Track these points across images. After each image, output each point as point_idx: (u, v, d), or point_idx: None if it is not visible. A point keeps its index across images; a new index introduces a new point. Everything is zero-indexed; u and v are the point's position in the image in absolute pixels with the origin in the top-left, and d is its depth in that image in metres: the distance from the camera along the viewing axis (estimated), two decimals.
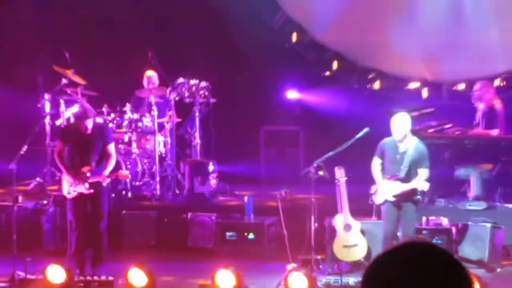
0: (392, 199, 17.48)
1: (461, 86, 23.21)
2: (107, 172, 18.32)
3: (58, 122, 21.00)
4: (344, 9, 24.00)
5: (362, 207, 18.30)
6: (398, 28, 23.91)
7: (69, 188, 18.29)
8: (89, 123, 18.55)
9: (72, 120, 19.69)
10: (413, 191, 17.53)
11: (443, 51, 23.74)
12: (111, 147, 18.62)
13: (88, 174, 17.96)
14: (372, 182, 17.75)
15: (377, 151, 17.82)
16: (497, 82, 22.48)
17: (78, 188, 18.13)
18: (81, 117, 18.29)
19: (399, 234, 17.71)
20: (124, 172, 19.43)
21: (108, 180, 18.86)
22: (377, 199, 17.72)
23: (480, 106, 21.39)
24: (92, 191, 18.07)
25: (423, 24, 23.81)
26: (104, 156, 18.34)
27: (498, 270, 18.55)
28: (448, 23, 23.71)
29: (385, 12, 24.06)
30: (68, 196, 18.42)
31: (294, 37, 24.41)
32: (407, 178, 17.43)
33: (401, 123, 17.49)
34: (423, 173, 17.49)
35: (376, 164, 17.72)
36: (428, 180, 18.45)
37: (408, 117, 17.78)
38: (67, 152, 18.45)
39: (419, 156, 17.55)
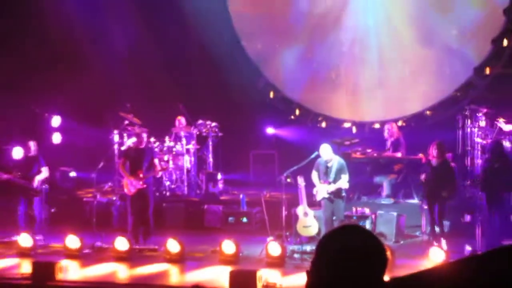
0: (327, 195, 18.35)
1: (377, 125, 23.97)
2: (154, 173, 19.48)
3: (122, 148, 21.64)
4: (303, 79, 25.01)
5: (314, 200, 18.72)
6: (336, 92, 24.93)
7: (129, 188, 19.02)
8: (144, 139, 20.15)
9: (131, 145, 20.43)
10: (340, 190, 18.39)
11: (365, 103, 24.61)
12: (156, 161, 19.59)
13: (141, 175, 18.86)
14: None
15: (314, 167, 18.63)
16: (400, 123, 23.22)
17: (136, 185, 18.98)
18: (138, 138, 19.50)
19: (334, 218, 18.41)
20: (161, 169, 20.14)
21: (160, 174, 20.48)
22: (318, 197, 18.53)
23: (389, 138, 22.15)
24: (145, 185, 18.93)
25: (352, 88, 24.82)
26: (151, 166, 19.30)
27: (401, 242, 19.24)
28: (368, 86, 24.62)
29: (328, 83, 24.98)
30: (128, 193, 19.27)
31: (271, 94, 25.39)
32: (334, 182, 18.35)
33: (328, 149, 18.55)
34: (344, 177, 18.27)
35: (314, 175, 18.53)
36: (355, 184, 19.81)
37: (329, 146, 18.68)
38: (128, 164, 19.27)
39: (340, 167, 18.42)
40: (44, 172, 20.08)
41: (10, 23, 24.20)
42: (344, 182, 18.59)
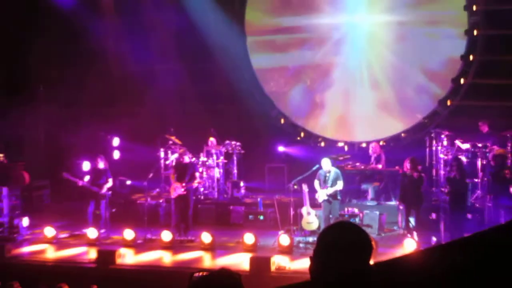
0: (326, 198, 18.33)
1: (363, 144, 23.73)
2: (193, 184, 19.44)
3: (167, 162, 21.70)
4: (306, 109, 24.85)
5: (315, 202, 18.62)
6: (332, 119, 24.61)
7: (173, 192, 19.13)
8: (186, 159, 20.27)
9: (179, 160, 20.08)
10: (336, 194, 18.39)
11: (354, 128, 24.33)
12: (196, 174, 19.69)
13: (184, 184, 18.94)
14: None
15: (316, 177, 18.54)
16: (381, 142, 23.10)
17: (179, 191, 19.05)
18: (182, 156, 19.72)
19: (331, 216, 18.32)
20: (196, 182, 19.97)
21: (196, 184, 20.29)
22: (319, 199, 18.42)
23: (373, 154, 22.10)
24: (185, 192, 19.02)
25: (345, 117, 24.49)
26: (192, 177, 19.33)
27: (382, 235, 19.13)
28: (357, 115, 24.35)
29: (326, 112, 24.68)
30: (172, 196, 19.35)
31: (282, 121, 25.11)
32: (332, 188, 18.27)
33: (327, 163, 18.55)
34: (339, 183, 18.25)
35: (316, 183, 18.44)
36: (347, 190, 19.75)
37: (328, 160, 18.73)
38: (176, 175, 19.42)
39: (336, 176, 18.37)
40: (110, 182, 20.14)
41: (83, 67, 24.23)
42: (339, 187, 18.57)
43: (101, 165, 20.21)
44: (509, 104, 21.87)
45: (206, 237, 18.36)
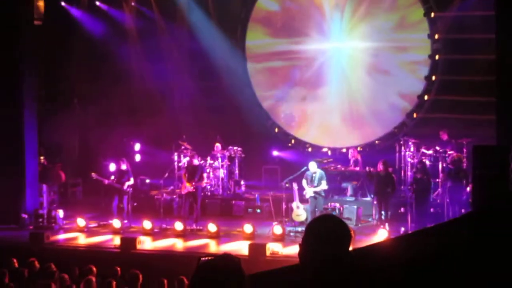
0: (312, 194, 18.32)
1: (344, 150, 23.64)
2: (201, 183, 19.61)
3: (180, 164, 21.59)
4: (296, 120, 24.98)
5: (303, 198, 18.57)
6: (317, 129, 24.58)
7: (184, 190, 19.21)
8: (195, 162, 20.31)
9: (187, 163, 20.53)
10: (320, 191, 18.41)
11: (337, 136, 24.29)
12: (204, 175, 19.91)
13: (193, 183, 19.03)
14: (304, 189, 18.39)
15: (304, 177, 18.51)
16: (359, 148, 23.03)
17: (188, 188, 19.16)
18: (192, 159, 19.98)
19: (316, 210, 18.33)
20: (204, 182, 20.36)
21: (204, 184, 20.42)
22: (306, 196, 18.38)
23: (352, 158, 22.17)
24: (194, 190, 19.10)
25: (328, 126, 24.45)
26: (201, 178, 19.49)
27: (359, 225, 19.10)
28: (339, 125, 24.30)
29: (312, 123, 24.64)
30: (183, 193, 19.47)
31: (276, 130, 25.05)
32: (317, 186, 18.32)
33: (313, 165, 18.56)
34: (323, 183, 18.28)
35: (304, 182, 18.39)
36: (329, 188, 19.42)
37: (314, 163, 18.76)
38: (187, 175, 19.47)
39: (321, 176, 18.36)
40: (131, 180, 20.07)
41: (110, 83, 24.27)
42: (324, 186, 18.55)
43: (124, 166, 20.14)
44: (464, 117, 21.92)
45: (212, 227, 18.34)
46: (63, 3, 24.48)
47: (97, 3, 24.77)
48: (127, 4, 25.06)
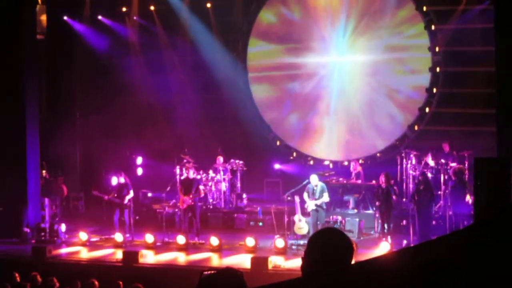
0: (314, 207, 18.34)
1: (345, 163, 23.63)
2: (198, 195, 19.41)
3: (182, 177, 20.94)
4: (298, 133, 24.83)
5: (305, 211, 18.53)
6: (319, 142, 24.53)
7: (183, 204, 19.09)
8: (190, 174, 20.30)
9: (185, 176, 20.21)
10: (322, 204, 18.42)
11: (338, 149, 24.21)
12: (201, 187, 19.71)
13: (191, 196, 18.92)
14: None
15: (305, 190, 18.53)
16: (360, 161, 22.91)
17: (187, 202, 19.02)
18: (187, 171, 19.86)
19: (318, 223, 18.34)
20: (201, 194, 20.20)
21: (202, 195, 20.36)
22: (308, 209, 18.40)
23: (353, 171, 22.14)
24: (192, 203, 18.98)
25: (330, 139, 24.38)
26: (197, 190, 19.29)
27: (361, 238, 19.09)
28: (340, 138, 24.28)
29: (314, 136, 24.64)
30: (181, 207, 19.38)
31: (278, 143, 24.98)
32: (319, 199, 18.33)
33: (315, 178, 18.57)
34: (325, 195, 18.27)
35: (305, 195, 18.38)
36: (331, 201, 19.50)
37: (316, 176, 18.78)
38: (183, 189, 19.33)
39: (322, 189, 18.37)
40: (131, 193, 19.95)
41: (113, 97, 24.28)
42: (326, 198, 18.55)
43: (122, 180, 20.08)
44: (465, 128, 21.95)
45: (214, 240, 18.32)
46: (65, 17, 24.58)
47: (100, 17, 24.83)
48: (130, 18, 25.14)
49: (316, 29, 24.41)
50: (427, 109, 23.45)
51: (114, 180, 20.39)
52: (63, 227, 19.98)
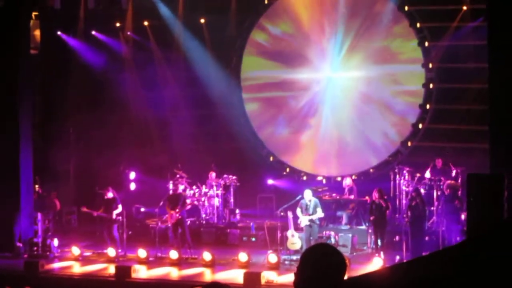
0: (308, 223, 18.32)
1: (339, 178, 23.48)
2: (185, 208, 19.39)
3: (170, 193, 21.01)
4: (291, 149, 24.86)
5: (298, 226, 18.57)
6: (312, 157, 24.58)
7: (170, 220, 19.17)
8: (179, 189, 20.22)
9: (170, 193, 20.53)
10: (315, 220, 18.45)
11: (331, 164, 24.25)
12: (188, 201, 19.72)
13: (177, 210, 18.95)
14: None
15: (298, 205, 18.53)
16: (353, 177, 22.75)
17: (174, 217, 18.98)
18: (175, 186, 20.09)
19: (311, 238, 18.34)
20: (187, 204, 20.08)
21: (189, 207, 20.14)
22: (301, 224, 18.41)
23: (346, 186, 21.86)
24: (180, 217, 19.00)
25: (323, 155, 24.44)
26: (183, 204, 19.34)
27: (354, 253, 19.12)
28: (333, 154, 24.32)
29: (307, 152, 24.63)
30: (170, 223, 19.47)
31: (271, 158, 25.07)
32: (312, 214, 18.33)
33: (308, 193, 18.61)
34: (319, 211, 18.32)
35: (298, 210, 18.39)
36: (324, 216, 19.46)
37: (310, 191, 18.81)
38: (170, 204, 19.36)
39: (315, 204, 18.41)
40: (119, 208, 19.90)
41: (107, 112, 24.18)
42: (320, 213, 18.60)
43: (110, 194, 20.05)
44: (459, 145, 21.99)
45: (207, 255, 18.31)
46: (59, 33, 24.63)
47: (94, 32, 24.82)
48: (123, 33, 25.16)
49: (310, 45, 24.51)
50: (420, 125, 23.53)
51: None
52: (55, 241, 19.94)
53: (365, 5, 23.84)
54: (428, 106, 23.35)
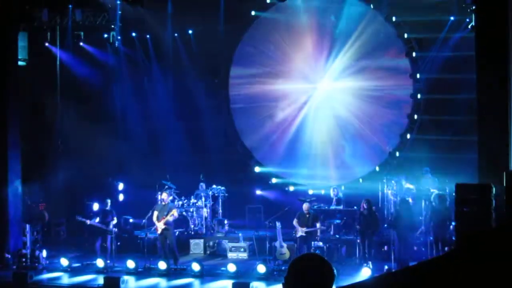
0: (304, 234, 18.41)
1: (327, 189, 22.69)
2: (170, 219, 19.17)
3: (162, 203, 20.28)
4: (278, 160, 24.82)
5: (288, 237, 18.94)
6: (299, 169, 24.51)
7: (158, 229, 19.04)
8: (167, 200, 20.13)
9: (158, 202, 20.26)
10: (310, 231, 18.55)
11: (318, 175, 24.11)
12: (174, 211, 19.22)
13: (164, 221, 18.79)
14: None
15: (296, 216, 18.63)
16: (342, 187, 22.59)
17: (160, 226, 18.86)
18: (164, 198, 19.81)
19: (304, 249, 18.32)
20: (175, 213, 19.53)
21: (177, 216, 19.75)
22: (297, 235, 18.53)
23: (335, 196, 21.63)
24: (165, 226, 18.90)
25: (310, 166, 24.45)
26: (169, 212, 19.16)
27: (342, 263, 18.94)
28: (321, 165, 24.37)
29: (294, 163, 24.61)
30: (158, 233, 19.26)
31: (258, 169, 24.93)
32: (309, 227, 18.49)
33: (306, 206, 18.68)
34: (318, 225, 18.54)
35: (295, 221, 18.49)
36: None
37: (308, 204, 18.95)
38: (158, 214, 19.10)
39: (314, 216, 18.63)
40: (115, 220, 19.95)
41: (94, 123, 24.02)
42: (320, 226, 18.97)
43: (108, 206, 20.06)
44: (446, 155, 22.03)
45: (196, 266, 18.25)
46: (47, 44, 24.62)
47: (81, 43, 24.75)
48: (111, 45, 25.08)
49: (297, 56, 24.55)
50: (408, 135, 23.59)
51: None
52: (44, 253, 19.87)
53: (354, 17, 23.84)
54: (416, 116, 23.48)
